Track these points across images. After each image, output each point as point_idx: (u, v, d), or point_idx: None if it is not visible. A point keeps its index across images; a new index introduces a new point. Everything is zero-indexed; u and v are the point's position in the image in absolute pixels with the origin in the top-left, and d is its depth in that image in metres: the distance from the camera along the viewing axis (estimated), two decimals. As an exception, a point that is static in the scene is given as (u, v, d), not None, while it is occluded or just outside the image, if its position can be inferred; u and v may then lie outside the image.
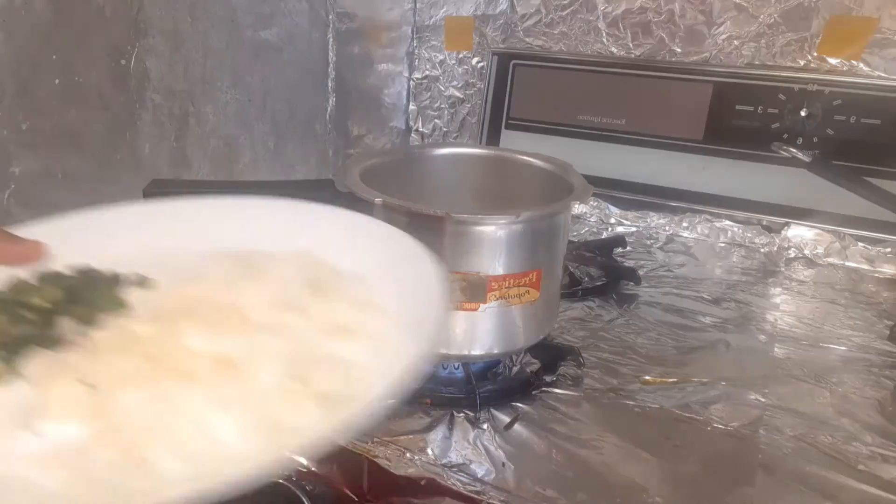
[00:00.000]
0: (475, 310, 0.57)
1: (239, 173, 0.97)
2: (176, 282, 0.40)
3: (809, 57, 0.95)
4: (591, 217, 1.08)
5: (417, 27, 1.20)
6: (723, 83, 0.97)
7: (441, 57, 1.20)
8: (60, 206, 0.71)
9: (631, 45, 1.06)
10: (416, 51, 1.21)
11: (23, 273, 0.37)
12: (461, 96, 1.20)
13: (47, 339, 0.33)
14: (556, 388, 0.61)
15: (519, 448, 0.53)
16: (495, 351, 0.60)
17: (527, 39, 1.13)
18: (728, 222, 1.01)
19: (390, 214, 0.56)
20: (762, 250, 0.98)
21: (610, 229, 1.05)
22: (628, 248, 0.97)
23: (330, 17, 1.13)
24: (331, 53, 1.16)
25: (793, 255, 0.96)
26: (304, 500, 0.55)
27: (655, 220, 1.05)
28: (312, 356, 0.34)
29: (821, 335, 0.74)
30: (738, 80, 0.96)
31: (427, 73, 1.22)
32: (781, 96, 0.94)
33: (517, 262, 0.57)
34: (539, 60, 1.10)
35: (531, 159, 0.73)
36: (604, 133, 1.06)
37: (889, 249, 0.91)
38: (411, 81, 1.23)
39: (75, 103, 0.70)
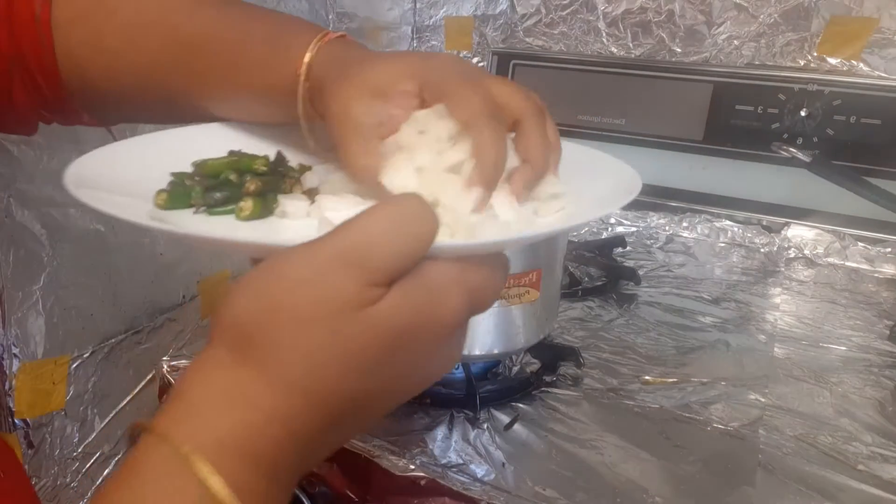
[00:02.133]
0: (475, 310, 0.57)
1: (239, 173, 0.97)
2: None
3: (809, 57, 0.95)
4: (591, 217, 1.07)
5: (417, 27, 1.20)
6: (723, 83, 0.97)
7: (441, 57, 1.20)
8: (61, 205, 0.71)
9: (631, 45, 1.06)
10: (416, 51, 1.21)
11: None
12: (461, 96, 1.20)
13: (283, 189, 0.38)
14: (556, 388, 0.61)
15: (519, 448, 0.53)
16: (495, 351, 0.60)
17: (527, 39, 1.13)
18: (728, 222, 1.01)
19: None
20: (762, 250, 0.98)
21: (610, 229, 1.05)
22: (628, 248, 0.97)
23: (330, 17, 1.13)
24: (331, 53, 1.15)
25: (793, 255, 0.96)
26: (303, 500, 0.55)
27: (655, 220, 1.05)
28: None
29: (821, 335, 0.74)
30: (738, 80, 0.96)
31: (427, 73, 1.22)
32: (781, 96, 0.94)
33: (517, 262, 0.57)
34: (539, 60, 1.10)
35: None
36: (604, 133, 1.06)
37: (889, 249, 0.91)
38: (411, 81, 1.23)
39: (75, 103, 0.70)
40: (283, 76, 0.39)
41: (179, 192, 0.36)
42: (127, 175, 0.37)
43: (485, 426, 0.56)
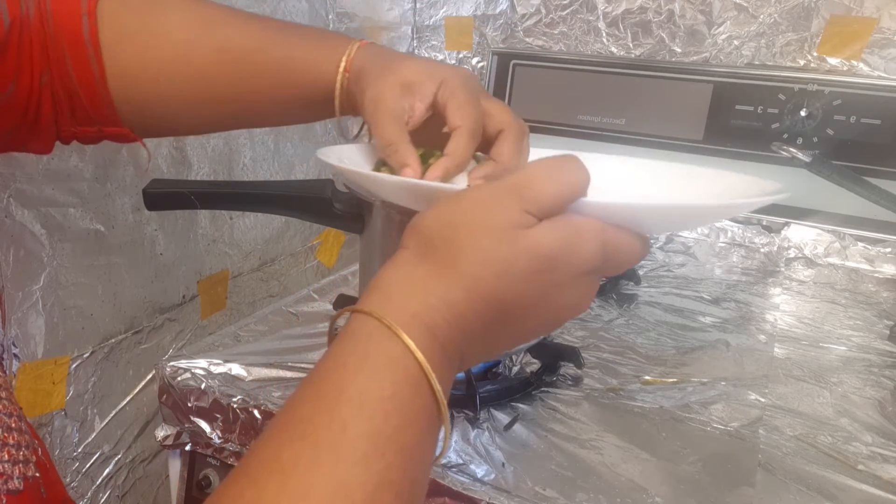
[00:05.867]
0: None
1: (239, 173, 0.97)
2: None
3: (809, 57, 0.95)
4: (591, 217, 1.07)
5: (417, 27, 1.20)
6: (723, 83, 0.97)
7: (441, 57, 1.20)
8: (61, 205, 0.71)
9: (631, 45, 1.06)
10: (416, 51, 1.21)
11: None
12: (461, 96, 1.20)
13: None
14: (556, 388, 0.61)
15: (519, 448, 0.53)
16: (495, 351, 0.60)
17: (527, 39, 1.13)
18: (728, 222, 1.01)
19: (390, 213, 0.56)
20: (762, 250, 0.98)
21: (610, 229, 1.05)
22: (628, 248, 0.97)
23: (330, 16, 1.13)
24: (331, 53, 1.15)
25: (793, 255, 0.96)
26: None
27: (655, 220, 1.04)
28: None
29: (821, 335, 0.74)
30: (738, 80, 0.97)
31: (427, 73, 1.22)
32: (781, 96, 0.94)
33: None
34: (539, 60, 1.10)
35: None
36: (604, 133, 1.06)
37: (889, 249, 0.91)
38: (411, 81, 1.23)
39: (75, 103, 0.70)
40: (325, 74, 0.47)
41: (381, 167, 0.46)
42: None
43: (485, 426, 0.56)
